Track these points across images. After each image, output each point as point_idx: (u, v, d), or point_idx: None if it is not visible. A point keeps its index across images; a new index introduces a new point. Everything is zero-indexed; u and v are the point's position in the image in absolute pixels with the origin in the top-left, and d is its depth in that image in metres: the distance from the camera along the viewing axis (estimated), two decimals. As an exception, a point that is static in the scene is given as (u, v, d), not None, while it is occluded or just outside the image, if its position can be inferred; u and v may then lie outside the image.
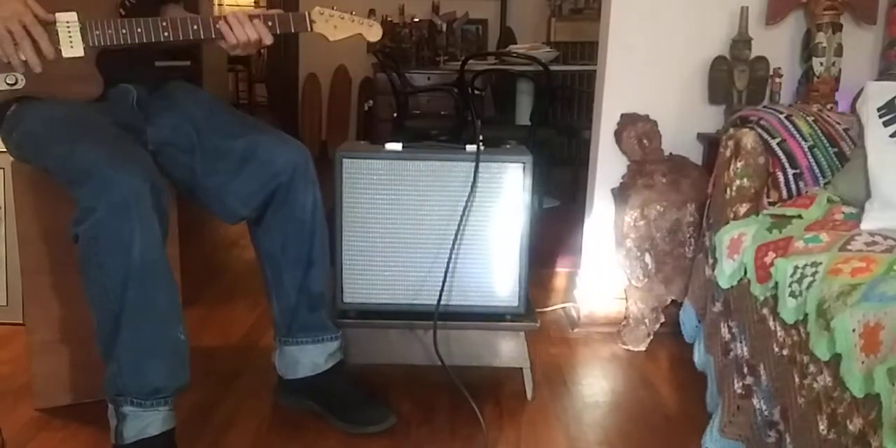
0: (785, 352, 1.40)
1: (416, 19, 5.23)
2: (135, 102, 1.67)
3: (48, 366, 1.77)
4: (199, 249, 3.19)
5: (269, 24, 1.63)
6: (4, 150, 1.73)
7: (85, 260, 1.44)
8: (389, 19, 5.10)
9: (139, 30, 1.56)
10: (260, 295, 1.87)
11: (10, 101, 1.57)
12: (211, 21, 1.61)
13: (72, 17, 1.54)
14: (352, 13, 1.69)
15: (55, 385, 1.78)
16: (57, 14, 1.53)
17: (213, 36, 1.61)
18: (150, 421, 1.48)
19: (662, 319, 2.24)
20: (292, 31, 1.67)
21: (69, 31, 1.54)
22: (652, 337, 2.25)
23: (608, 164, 2.35)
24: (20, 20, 1.49)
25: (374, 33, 1.71)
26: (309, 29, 1.65)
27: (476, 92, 4.13)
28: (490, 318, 1.86)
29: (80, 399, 1.78)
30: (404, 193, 1.80)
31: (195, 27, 1.59)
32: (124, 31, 1.55)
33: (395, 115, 4.04)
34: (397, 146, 1.81)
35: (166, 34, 1.57)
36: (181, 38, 1.59)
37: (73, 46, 1.55)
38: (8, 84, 1.54)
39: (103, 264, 1.42)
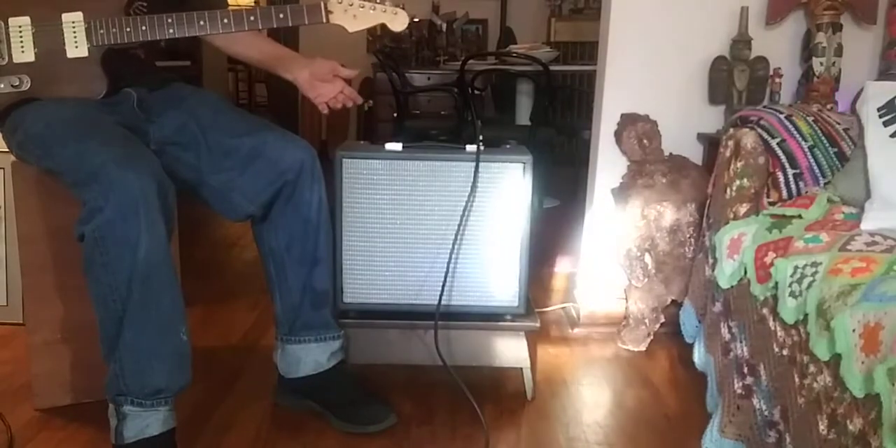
0: (785, 352, 1.40)
1: (416, 19, 5.20)
2: (135, 104, 1.67)
3: (48, 366, 1.77)
4: (199, 249, 3.19)
5: (281, 15, 1.55)
6: (4, 150, 1.73)
7: (90, 259, 1.44)
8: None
9: (143, 27, 1.53)
10: (260, 295, 1.87)
11: (15, 102, 1.57)
12: (219, 15, 1.55)
13: (77, 17, 1.54)
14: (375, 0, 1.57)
15: (55, 385, 1.78)
16: (63, 14, 1.53)
17: (221, 31, 1.55)
18: (150, 421, 1.48)
19: (662, 319, 2.24)
20: (306, 22, 1.56)
21: (74, 31, 1.53)
22: (652, 337, 2.25)
23: (608, 164, 2.35)
24: None
25: (399, 22, 1.57)
26: (325, 20, 1.55)
27: (476, 92, 4.13)
28: (490, 318, 1.86)
29: (80, 399, 1.78)
30: (404, 193, 1.80)
31: (202, 22, 1.54)
32: (128, 29, 1.54)
33: (395, 115, 4.04)
34: (397, 146, 1.81)
35: (171, 31, 1.54)
36: (186, 34, 1.55)
37: (77, 46, 1.54)
38: (13, 86, 1.54)
39: (109, 264, 1.42)
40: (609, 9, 2.27)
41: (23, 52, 1.54)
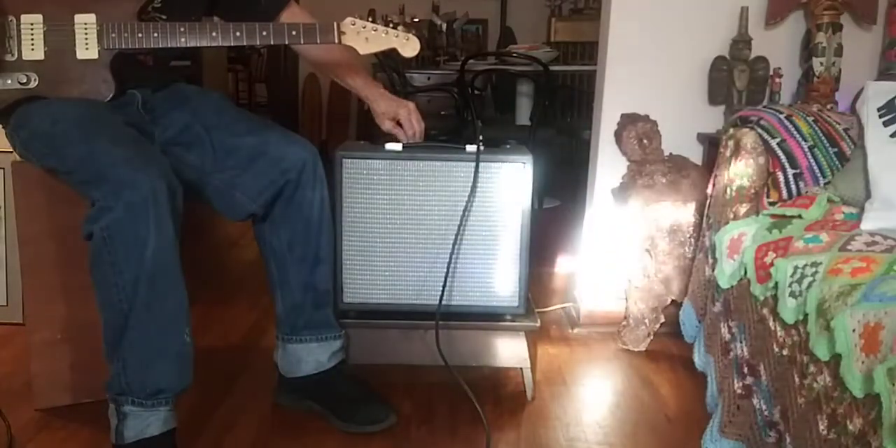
0: (785, 352, 1.40)
1: (416, 19, 5.19)
2: (140, 105, 1.67)
3: (48, 366, 1.77)
4: (199, 249, 3.19)
5: (293, 33, 1.56)
6: (4, 150, 1.73)
7: (97, 258, 1.44)
8: (389, 19, 5.08)
9: (156, 34, 1.53)
10: (260, 295, 1.87)
11: (21, 100, 1.57)
12: (231, 28, 1.55)
13: (90, 18, 1.53)
14: (388, 25, 1.60)
15: (55, 385, 1.78)
16: (76, 15, 1.53)
17: (232, 43, 1.56)
18: (150, 421, 1.48)
19: (662, 319, 2.24)
20: (318, 42, 1.59)
21: (86, 33, 1.53)
22: (652, 337, 2.24)
23: (608, 164, 2.35)
24: None
25: (410, 48, 1.61)
26: (337, 40, 1.58)
27: (476, 92, 4.13)
28: (490, 317, 1.86)
29: (80, 399, 1.78)
30: (404, 193, 1.80)
31: (214, 34, 1.54)
32: (140, 35, 1.53)
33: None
34: (397, 146, 1.81)
35: (183, 40, 1.54)
36: (198, 44, 1.55)
37: (87, 48, 1.54)
38: (20, 83, 1.54)
39: (116, 263, 1.42)
40: (609, 9, 2.27)
41: (33, 49, 1.54)
